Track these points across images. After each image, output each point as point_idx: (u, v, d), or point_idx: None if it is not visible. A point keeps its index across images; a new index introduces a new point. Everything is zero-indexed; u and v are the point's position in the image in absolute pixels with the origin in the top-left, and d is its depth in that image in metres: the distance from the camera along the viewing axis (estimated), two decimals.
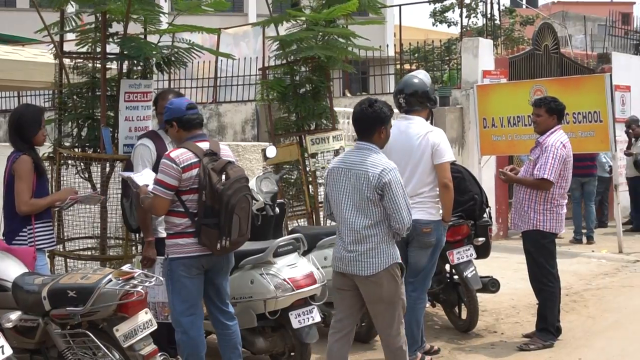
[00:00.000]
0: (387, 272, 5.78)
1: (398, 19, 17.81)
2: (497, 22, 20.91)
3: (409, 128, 7.02)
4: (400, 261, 5.89)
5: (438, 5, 30.13)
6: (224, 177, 5.78)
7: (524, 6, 38.96)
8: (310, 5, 9.69)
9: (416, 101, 7.13)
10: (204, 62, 15.15)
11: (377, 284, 5.79)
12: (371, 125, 5.88)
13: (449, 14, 30.57)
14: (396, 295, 5.85)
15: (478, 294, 8.22)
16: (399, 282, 5.87)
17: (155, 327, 5.56)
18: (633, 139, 15.46)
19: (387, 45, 16.22)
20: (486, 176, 13.56)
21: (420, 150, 6.92)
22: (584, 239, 14.29)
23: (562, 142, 7.73)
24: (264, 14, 9.68)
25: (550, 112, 7.87)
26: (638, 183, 15.30)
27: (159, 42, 7.59)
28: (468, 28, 26.60)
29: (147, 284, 5.48)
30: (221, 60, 16.22)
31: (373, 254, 5.75)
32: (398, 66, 16.91)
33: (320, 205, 9.29)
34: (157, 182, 5.77)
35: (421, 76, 7.32)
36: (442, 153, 6.92)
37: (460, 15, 20.53)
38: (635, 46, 21.62)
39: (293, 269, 6.60)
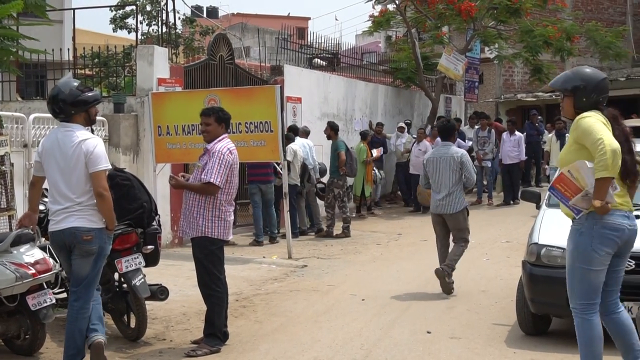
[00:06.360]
0: (462, 211, 10.41)
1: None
2: (178, 31, 20.99)
3: (65, 136, 6.83)
4: (467, 205, 10.69)
5: (119, 11, 29.79)
6: None
7: (204, 16, 39.48)
8: None
9: (69, 106, 6.84)
10: None
11: (457, 217, 10.37)
12: (450, 133, 10.85)
13: (130, 20, 30.34)
14: (466, 223, 10.45)
15: (148, 302, 8.22)
16: (467, 218, 10.49)
17: None
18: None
19: (61, 49, 15.66)
20: (161, 184, 13.50)
21: (74, 158, 6.75)
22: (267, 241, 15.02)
23: (229, 149, 7.94)
24: None
25: (219, 120, 8.06)
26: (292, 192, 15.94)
27: None
28: (149, 35, 26.51)
29: None
30: None
31: (456, 201, 10.34)
32: (76, 71, 16.44)
33: None
34: None
35: (68, 79, 7.08)
36: (96, 161, 6.76)
37: (136, 22, 20.43)
38: (309, 60, 22.47)
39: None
